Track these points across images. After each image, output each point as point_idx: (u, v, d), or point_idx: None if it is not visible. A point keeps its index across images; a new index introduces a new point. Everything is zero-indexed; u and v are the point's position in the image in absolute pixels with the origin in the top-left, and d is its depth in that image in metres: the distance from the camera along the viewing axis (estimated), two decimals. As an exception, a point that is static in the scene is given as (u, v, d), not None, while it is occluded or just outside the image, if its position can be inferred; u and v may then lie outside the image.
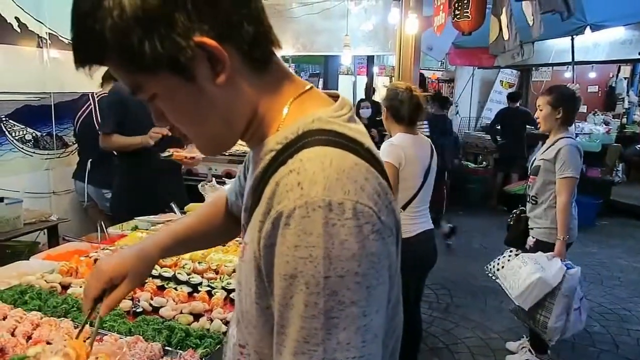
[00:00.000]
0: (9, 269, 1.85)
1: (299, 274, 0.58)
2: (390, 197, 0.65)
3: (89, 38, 0.61)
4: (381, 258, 0.61)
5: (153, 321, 1.41)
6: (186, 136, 0.71)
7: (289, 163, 0.62)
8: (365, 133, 0.71)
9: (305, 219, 0.57)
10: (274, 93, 0.70)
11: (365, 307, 0.59)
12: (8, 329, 1.32)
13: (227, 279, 1.74)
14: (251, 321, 0.69)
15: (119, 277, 0.94)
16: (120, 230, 2.37)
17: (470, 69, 8.80)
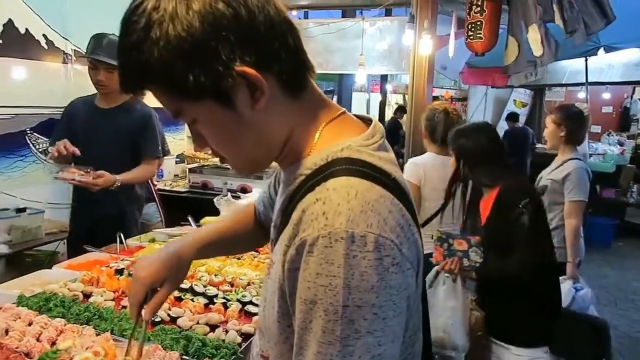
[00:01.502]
0: (33, 277, 1.92)
1: (318, 301, 0.61)
2: (413, 229, 0.67)
3: (136, 68, 0.64)
4: (400, 290, 0.63)
5: (171, 330, 1.46)
6: (224, 158, 0.75)
7: (316, 190, 0.65)
8: (394, 162, 0.73)
9: (328, 249, 0.60)
10: (308, 118, 0.74)
11: (380, 337, 0.61)
12: (34, 335, 1.38)
13: (242, 292, 1.78)
14: (272, 337, 0.73)
15: (159, 281, 0.97)
16: (139, 242, 2.44)
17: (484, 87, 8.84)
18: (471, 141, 2.17)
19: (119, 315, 1.53)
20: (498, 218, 2.05)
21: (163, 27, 0.61)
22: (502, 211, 2.03)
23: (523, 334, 2.02)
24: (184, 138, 5.27)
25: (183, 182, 4.31)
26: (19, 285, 1.80)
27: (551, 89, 9.47)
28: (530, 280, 1.96)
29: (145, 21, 0.62)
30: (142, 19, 0.62)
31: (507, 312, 2.05)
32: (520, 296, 2.01)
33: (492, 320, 2.11)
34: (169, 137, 4.92)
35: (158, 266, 0.97)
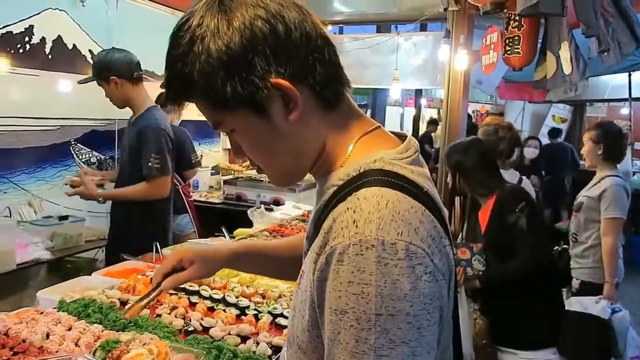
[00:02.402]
0: (73, 283, 1.99)
1: (349, 310, 0.60)
2: (445, 241, 0.67)
3: (179, 79, 0.69)
4: (433, 299, 0.62)
5: (203, 340, 1.48)
6: (260, 168, 0.78)
7: (347, 200, 0.66)
8: (427, 176, 0.73)
9: (359, 257, 0.60)
10: (342, 130, 0.75)
11: (415, 348, 0.60)
12: (72, 339, 1.42)
13: (273, 304, 1.79)
14: (301, 347, 0.73)
15: (188, 262, 1.04)
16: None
17: (521, 102, 8.67)
18: (465, 156, 2.32)
19: (153, 323, 1.56)
20: (497, 223, 2.17)
21: (205, 42, 0.66)
22: (500, 216, 2.16)
23: (530, 336, 2.05)
24: (219, 150, 5.38)
25: (217, 194, 4.39)
26: (59, 290, 1.86)
27: (592, 105, 9.21)
28: (532, 280, 2.03)
29: (189, 36, 0.67)
30: (187, 35, 0.67)
31: (512, 316, 2.10)
32: (524, 297, 2.07)
33: (497, 326, 2.16)
34: (204, 149, 5.07)
35: (192, 250, 1.06)
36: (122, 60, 2.66)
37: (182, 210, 3.68)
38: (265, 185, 4.06)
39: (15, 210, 3.18)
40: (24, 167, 3.31)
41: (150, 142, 2.64)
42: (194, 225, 3.71)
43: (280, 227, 2.93)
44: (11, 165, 3.23)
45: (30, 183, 3.35)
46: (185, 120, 4.08)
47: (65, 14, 3.51)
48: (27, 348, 1.38)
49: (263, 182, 4.10)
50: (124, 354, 1.20)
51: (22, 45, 3.25)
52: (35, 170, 3.38)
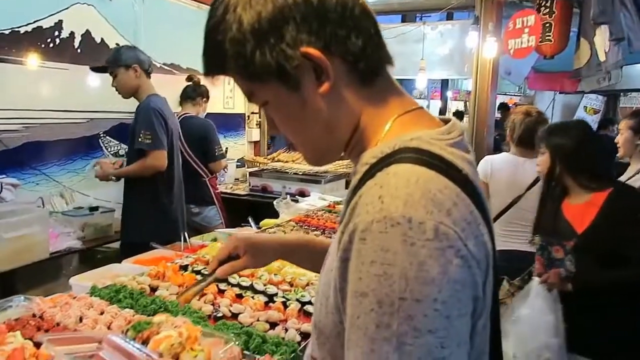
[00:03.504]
0: (104, 270, 2.02)
1: (371, 292, 0.55)
2: (482, 229, 0.61)
3: (213, 49, 0.69)
4: (465, 287, 0.57)
5: (232, 326, 1.48)
6: (293, 145, 0.76)
7: (376, 176, 0.61)
8: (470, 162, 0.67)
9: (383, 235, 0.55)
10: (379, 107, 0.71)
11: (443, 339, 0.54)
12: (105, 323, 1.44)
13: (301, 292, 1.78)
14: (324, 331, 0.69)
15: (242, 251, 1.04)
16: (202, 240, 2.51)
17: (551, 93, 8.47)
18: (570, 140, 2.04)
19: (183, 309, 1.57)
20: (607, 226, 1.91)
21: (237, 10, 0.66)
22: (615, 217, 1.90)
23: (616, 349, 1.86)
24: (245, 143, 5.41)
25: (243, 186, 4.41)
26: (91, 277, 1.89)
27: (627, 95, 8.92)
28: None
29: (223, 7, 0.67)
30: (221, 6, 0.68)
31: (603, 324, 1.89)
32: (621, 307, 1.86)
33: (580, 333, 1.93)
34: (229, 142, 5.09)
35: (247, 238, 1.06)
36: (143, 54, 2.96)
37: (210, 202, 3.70)
38: (291, 176, 4.06)
39: (47, 201, 3.25)
40: (55, 159, 3.38)
41: (140, 120, 2.85)
42: (221, 217, 3.73)
43: (307, 218, 2.92)
44: (43, 157, 3.30)
45: (61, 175, 3.41)
46: (210, 113, 4.10)
47: (93, 8, 3.55)
48: (61, 330, 1.40)
49: (288, 173, 4.10)
50: (153, 334, 1.21)
51: (52, 40, 3.31)
52: (66, 162, 3.45)
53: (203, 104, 3.83)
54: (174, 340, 1.16)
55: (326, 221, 2.84)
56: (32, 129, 3.21)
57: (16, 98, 3.12)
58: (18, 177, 3.10)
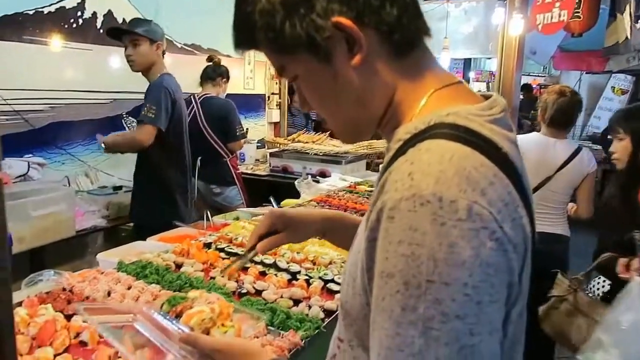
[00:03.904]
0: (129, 247, 2.05)
1: (398, 273, 0.53)
2: (521, 211, 0.58)
3: (243, 21, 0.68)
4: (499, 272, 0.54)
5: (257, 302, 1.49)
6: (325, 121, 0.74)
7: (408, 152, 0.59)
8: (512, 140, 0.63)
9: (412, 213, 0.53)
10: (414, 81, 0.67)
11: (473, 325, 0.52)
12: (133, 297, 1.47)
13: (324, 270, 1.79)
14: (350, 313, 0.68)
15: (281, 226, 1.02)
16: (224, 219, 2.53)
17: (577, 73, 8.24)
18: None
19: (208, 285, 1.59)
20: None
21: None
22: None
23: None
24: (265, 124, 5.41)
25: (264, 166, 4.42)
26: (117, 254, 1.92)
27: (656, 75, 8.63)
28: None
29: None
30: None
31: None
32: None
33: None
34: (249, 123, 5.10)
35: (286, 213, 1.04)
36: (163, 31, 2.93)
37: (231, 183, 3.72)
38: (311, 157, 4.05)
39: (73, 180, 3.31)
40: (79, 139, 3.43)
41: (149, 95, 2.79)
42: (242, 197, 3.75)
43: (328, 198, 2.92)
44: (68, 137, 3.35)
45: (86, 154, 3.46)
46: (230, 93, 4.10)
47: (114, -12, 3.56)
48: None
49: (309, 154, 4.09)
50: (186, 309, 1.23)
51: (75, 20, 3.33)
52: (90, 142, 3.49)
53: (223, 85, 3.83)
54: (205, 315, 1.17)
55: (347, 201, 2.84)
56: (57, 109, 3.25)
57: (41, 78, 3.16)
58: (44, 157, 3.15)
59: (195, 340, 0.85)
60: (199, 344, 0.84)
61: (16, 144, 3.00)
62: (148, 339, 1.02)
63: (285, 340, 1.29)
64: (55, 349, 1.21)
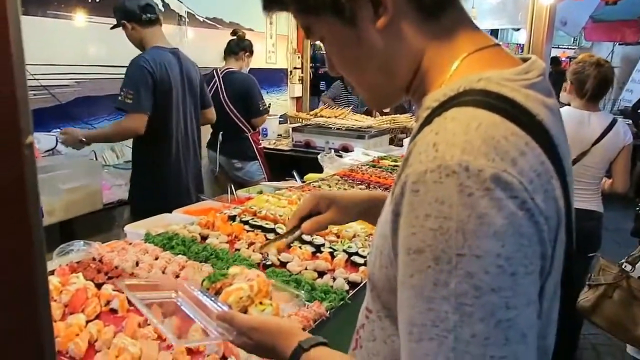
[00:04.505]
0: (156, 220, 2.08)
1: (427, 248, 0.51)
2: (555, 183, 0.55)
3: None
4: (532, 243, 0.51)
5: (282, 274, 1.51)
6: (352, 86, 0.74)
7: (434, 122, 0.56)
8: (550, 107, 0.59)
9: (437, 185, 0.50)
10: (445, 44, 0.64)
11: (508, 298, 0.50)
12: (160, 267, 1.49)
13: (348, 243, 1.79)
14: (377, 285, 0.67)
15: (325, 206, 1.00)
16: (248, 193, 2.55)
17: (610, 45, 7.94)
18: None
19: (233, 256, 1.61)
20: None
21: None
22: None
23: None
24: (287, 99, 5.38)
25: (286, 141, 4.42)
26: (144, 226, 1.95)
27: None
28: None
29: None
30: None
31: None
32: None
33: None
34: (272, 98, 5.07)
35: (330, 192, 1.04)
36: (133, 4, 2.62)
37: (252, 158, 3.73)
38: (334, 132, 4.02)
39: (99, 154, 3.36)
40: (105, 114, 3.46)
41: (125, 76, 2.57)
42: (264, 172, 3.77)
43: (351, 172, 2.90)
44: (94, 112, 3.39)
45: (111, 129, 3.50)
46: (252, 68, 4.08)
47: (137, -39, 3.53)
48: (119, 273, 1.47)
49: (331, 129, 4.06)
50: (226, 286, 1.23)
51: (99, -6, 3.33)
52: (115, 117, 3.50)
53: (246, 59, 3.80)
54: (243, 293, 1.18)
55: (371, 176, 2.82)
56: (82, 84, 3.28)
57: (66, 53, 3.18)
58: (71, 132, 3.20)
59: (232, 318, 0.86)
60: (236, 322, 0.85)
61: (44, 119, 3.05)
62: (176, 308, 1.04)
63: (311, 310, 1.30)
64: (87, 315, 1.25)
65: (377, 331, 0.70)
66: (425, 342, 0.51)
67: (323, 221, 1.01)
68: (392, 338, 0.67)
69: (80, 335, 1.15)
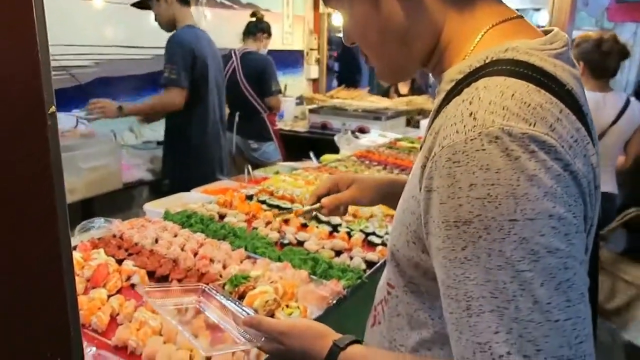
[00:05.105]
0: (174, 198, 2.10)
1: (475, 219, 0.50)
2: (590, 149, 0.55)
3: None
4: (578, 202, 0.51)
5: (299, 252, 1.51)
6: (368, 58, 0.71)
7: (463, 92, 0.55)
8: (577, 77, 0.58)
9: (480, 153, 0.50)
10: (467, 16, 0.63)
11: (565, 259, 0.49)
12: (179, 245, 1.51)
13: (365, 223, 1.79)
14: (402, 260, 0.67)
15: (344, 185, 1.02)
16: (264, 173, 2.56)
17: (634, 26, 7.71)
18: None
19: (251, 235, 1.62)
20: None
21: None
22: None
23: None
24: (303, 80, 5.35)
25: (303, 123, 4.41)
26: (163, 204, 1.98)
27: None
28: None
29: None
30: None
31: None
32: None
33: None
34: (288, 79, 5.05)
35: (348, 173, 1.03)
36: None
37: (268, 138, 3.74)
38: (351, 113, 4.00)
39: (118, 135, 3.39)
40: (124, 95, 3.48)
41: (166, 53, 2.67)
42: (280, 153, 3.77)
43: (368, 153, 2.89)
44: (113, 93, 3.41)
45: (130, 110, 3.53)
46: (269, 49, 4.06)
47: (154, -59, 3.52)
48: (139, 250, 1.49)
49: (348, 110, 4.04)
50: (249, 289, 1.21)
51: (116, -25, 3.33)
52: (134, 98, 3.54)
53: (264, 40, 3.79)
54: (268, 296, 1.15)
55: (388, 157, 2.81)
56: (101, 65, 3.30)
57: (85, 34, 3.20)
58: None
59: (260, 323, 0.83)
60: (263, 327, 0.82)
61: (64, 99, 3.08)
62: (200, 314, 1.05)
63: (328, 288, 1.30)
64: (109, 290, 1.27)
65: (402, 306, 0.70)
66: (486, 315, 0.50)
67: (342, 198, 1.01)
68: (418, 312, 0.67)
69: (102, 308, 1.17)
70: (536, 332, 0.48)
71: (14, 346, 0.45)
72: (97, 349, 1.05)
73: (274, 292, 1.19)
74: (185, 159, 2.83)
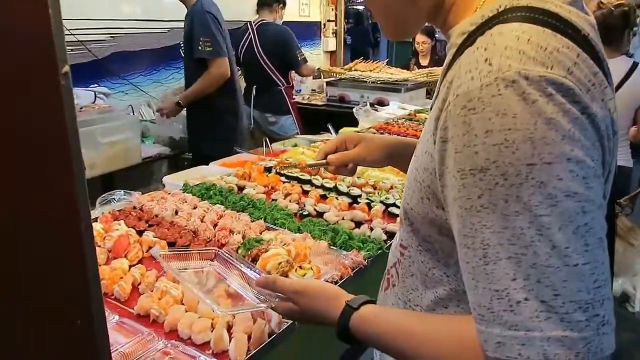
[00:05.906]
0: (193, 171, 2.11)
1: (492, 165, 0.49)
2: (609, 93, 0.53)
3: None
4: (595, 146, 0.50)
5: (319, 223, 1.50)
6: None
7: (477, 41, 0.53)
8: (592, 25, 0.56)
9: (496, 98, 0.48)
10: None
11: (584, 202, 0.48)
12: (199, 216, 1.51)
13: (385, 194, 1.76)
14: (416, 218, 0.65)
15: (352, 144, 1.01)
16: (283, 146, 2.54)
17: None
18: None
19: (270, 206, 1.61)
20: None
21: None
22: None
23: None
24: (320, 53, 5.28)
25: (320, 96, 4.36)
26: (182, 177, 1.98)
27: None
28: None
29: None
30: None
31: None
32: None
33: None
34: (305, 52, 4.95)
35: (356, 133, 1.02)
36: None
37: (286, 112, 3.70)
38: (369, 85, 3.93)
39: (136, 110, 3.40)
40: (140, 69, 3.48)
41: (196, 27, 2.68)
42: (297, 127, 3.74)
43: (387, 125, 2.84)
44: (129, 67, 3.41)
45: (147, 85, 3.53)
46: (285, 21, 3.99)
47: None
48: (159, 222, 1.49)
49: (367, 82, 3.97)
50: (262, 252, 1.21)
51: (130, -53, 3.28)
52: (150, 73, 3.54)
53: (280, 11, 3.72)
54: (281, 258, 1.15)
55: (407, 129, 2.76)
56: (117, 39, 3.29)
57: (101, 8, 3.18)
58: (108, 87, 3.24)
59: (274, 283, 0.83)
60: (278, 287, 0.82)
61: (82, 74, 3.09)
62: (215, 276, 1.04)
63: (349, 258, 1.29)
64: (130, 260, 1.28)
65: (416, 266, 0.69)
66: (503, 262, 0.49)
67: (349, 155, 1.00)
68: (433, 271, 0.67)
69: (124, 278, 1.18)
70: (554, 277, 0.48)
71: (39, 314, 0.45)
72: (119, 316, 1.06)
73: (287, 254, 1.19)
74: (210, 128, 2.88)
